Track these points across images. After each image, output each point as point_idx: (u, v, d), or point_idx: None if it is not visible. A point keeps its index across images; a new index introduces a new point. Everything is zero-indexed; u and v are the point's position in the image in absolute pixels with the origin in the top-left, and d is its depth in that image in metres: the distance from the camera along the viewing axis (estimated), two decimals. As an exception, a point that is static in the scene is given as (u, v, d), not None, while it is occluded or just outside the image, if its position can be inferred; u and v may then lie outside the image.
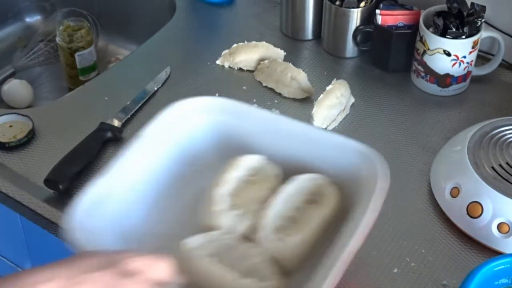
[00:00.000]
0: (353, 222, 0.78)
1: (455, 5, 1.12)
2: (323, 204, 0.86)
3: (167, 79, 1.21)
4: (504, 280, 0.75)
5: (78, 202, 0.80)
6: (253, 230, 0.84)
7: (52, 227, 0.97)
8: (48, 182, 0.99)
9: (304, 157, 0.90)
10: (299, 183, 0.87)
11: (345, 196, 0.88)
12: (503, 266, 0.75)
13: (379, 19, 1.19)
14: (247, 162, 0.89)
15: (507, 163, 0.95)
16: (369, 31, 1.22)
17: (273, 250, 0.81)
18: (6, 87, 1.41)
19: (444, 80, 1.16)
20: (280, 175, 0.91)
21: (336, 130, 1.11)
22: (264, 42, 1.26)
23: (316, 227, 0.84)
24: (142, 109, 1.15)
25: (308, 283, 0.74)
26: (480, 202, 0.92)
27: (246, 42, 1.26)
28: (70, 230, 0.77)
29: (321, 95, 1.12)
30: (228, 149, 0.92)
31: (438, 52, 1.13)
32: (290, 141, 0.91)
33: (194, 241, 0.80)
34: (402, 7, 1.21)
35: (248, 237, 0.84)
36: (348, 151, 0.87)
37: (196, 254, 0.78)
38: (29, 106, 1.40)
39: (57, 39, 1.42)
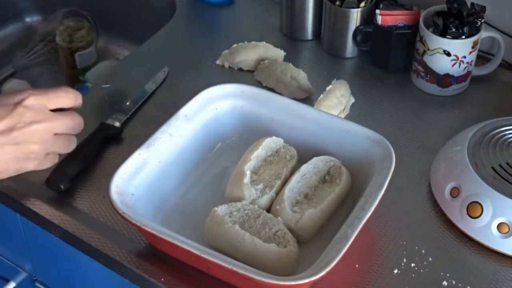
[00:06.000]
0: (364, 199, 0.87)
1: (455, 5, 1.12)
2: (335, 183, 0.95)
3: (165, 78, 1.21)
4: None
5: (118, 171, 0.90)
6: (272, 203, 0.94)
7: (52, 227, 0.97)
8: (49, 182, 0.99)
9: (318, 141, 1.00)
10: (315, 164, 0.97)
11: (355, 177, 0.96)
12: None
13: (379, 19, 1.19)
14: (268, 143, 0.99)
15: (507, 163, 0.95)
16: (369, 31, 1.22)
17: (289, 222, 0.90)
18: (6, 87, 1.40)
19: (444, 80, 1.16)
20: (296, 156, 0.99)
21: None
22: (264, 42, 1.26)
23: (328, 204, 0.92)
24: (141, 109, 1.15)
25: (321, 253, 0.83)
26: (480, 202, 0.92)
27: (246, 42, 1.26)
28: (110, 194, 0.87)
29: (321, 95, 1.12)
30: (248, 132, 1.03)
31: (438, 52, 1.13)
32: (306, 125, 1.00)
33: (223, 209, 0.90)
34: (402, 7, 1.21)
35: (268, 210, 0.93)
36: (360, 137, 0.96)
37: (227, 220, 0.88)
38: (29, 106, 1.39)
39: (57, 39, 1.42)
